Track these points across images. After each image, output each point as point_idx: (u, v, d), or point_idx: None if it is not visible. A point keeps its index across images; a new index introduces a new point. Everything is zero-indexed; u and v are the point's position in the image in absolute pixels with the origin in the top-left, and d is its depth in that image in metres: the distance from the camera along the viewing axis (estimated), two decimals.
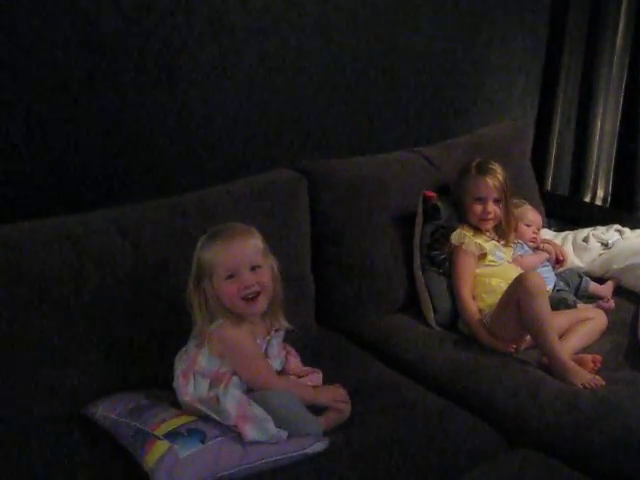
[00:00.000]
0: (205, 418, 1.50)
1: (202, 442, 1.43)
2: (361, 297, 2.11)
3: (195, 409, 1.51)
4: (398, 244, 2.16)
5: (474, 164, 2.19)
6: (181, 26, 2.05)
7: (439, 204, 2.13)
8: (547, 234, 2.50)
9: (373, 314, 2.13)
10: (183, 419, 1.49)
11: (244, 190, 1.94)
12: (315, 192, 2.07)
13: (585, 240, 2.43)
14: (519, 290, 1.91)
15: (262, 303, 1.57)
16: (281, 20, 2.26)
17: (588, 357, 1.89)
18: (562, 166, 3.59)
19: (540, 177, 3.61)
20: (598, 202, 3.57)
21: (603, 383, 1.80)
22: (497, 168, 2.18)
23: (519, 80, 3.29)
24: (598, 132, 3.45)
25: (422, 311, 2.13)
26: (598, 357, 1.89)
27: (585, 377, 1.81)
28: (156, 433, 1.45)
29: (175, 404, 1.56)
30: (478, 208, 2.16)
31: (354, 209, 2.10)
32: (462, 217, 2.19)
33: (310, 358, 1.81)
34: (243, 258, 1.54)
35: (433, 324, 2.10)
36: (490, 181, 2.15)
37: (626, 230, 2.47)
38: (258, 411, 1.48)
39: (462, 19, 2.87)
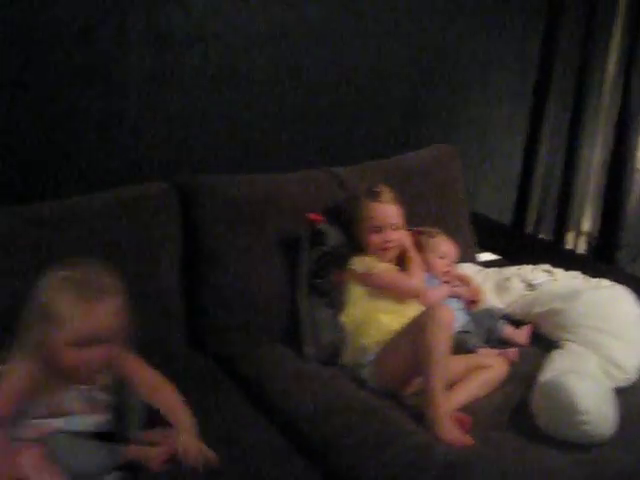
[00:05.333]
0: None
1: None
2: (237, 324, 1.97)
3: None
4: (285, 269, 2.01)
5: (363, 190, 2.04)
6: None
7: (323, 228, 1.98)
8: (468, 269, 2.28)
9: (250, 342, 1.98)
10: None
11: (110, 201, 1.87)
12: (194, 209, 1.95)
13: (508, 279, 2.19)
14: (424, 321, 1.73)
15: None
16: None
17: (463, 417, 1.70)
18: (548, 198, 3.37)
19: (522, 208, 3.41)
20: (583, 238, 3.35)
21: (471, 444, 1.62)
22: (388, 192, 2.02)
23: (505, 106, 3.11)
24: (585, 163, 3.23)
25: (301, 343, 1.97)
26: (467, 419, 1.69)
27: (453, 436, 1.63)
28: None
29: None
30: (377, 238, 2.00)
31: (236, 229, 1.96)
32: (358, 246, 2.03)
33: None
34: (101, 329, 1.38)
35: (310, 358, 1.95)
36: (385, 208, 2.00)
37: (557, 271, 2.20)
38: None
39: (441, 35, 2.72)
